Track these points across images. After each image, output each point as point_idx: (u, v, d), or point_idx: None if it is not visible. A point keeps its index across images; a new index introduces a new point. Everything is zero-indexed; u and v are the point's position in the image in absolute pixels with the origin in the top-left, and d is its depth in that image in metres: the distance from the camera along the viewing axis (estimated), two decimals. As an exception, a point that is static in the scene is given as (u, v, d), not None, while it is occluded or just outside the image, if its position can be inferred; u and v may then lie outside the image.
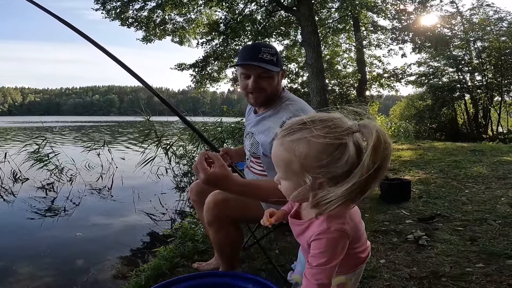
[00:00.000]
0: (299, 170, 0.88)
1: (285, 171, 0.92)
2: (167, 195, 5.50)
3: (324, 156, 0.84)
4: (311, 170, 0.86)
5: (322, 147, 0.84)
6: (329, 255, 0.92)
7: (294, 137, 0.88)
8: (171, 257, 2.47)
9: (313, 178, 0.87)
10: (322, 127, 0.86)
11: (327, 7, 13.61)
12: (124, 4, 11.87)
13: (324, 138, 0.84)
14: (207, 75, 14.31)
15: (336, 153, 0.84)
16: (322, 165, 0.85)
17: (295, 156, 0.87)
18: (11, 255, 3.16)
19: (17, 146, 7.81)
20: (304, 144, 0.86)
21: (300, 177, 0.89)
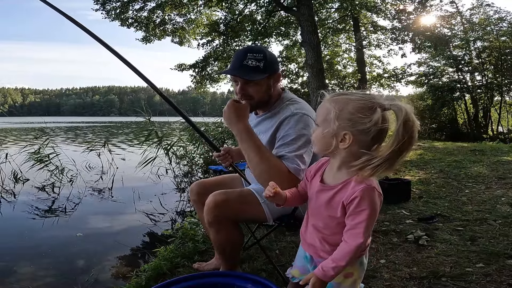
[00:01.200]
0: (333, 118, 1.07)
1: (323, 119, 1.12)
2: (168, 195, 5.50)
3: (356, 112, 1.04)
4: (341, 121, 1.06)
5: (357, 105, 1.05)
6: (372, 213, 1.05)
7: (339, 96, 1.11)
8: (171, 257, 2.48)
9: (339, 127, 1.06)
10: (361, 95, 1.09)
11: (327, 7, 13.61)
12: (124, 5, 11.87)
13: (360, 100, 1.06)
14: (207, 76, 14.31)
15: (364, 114, 1.03)
16: (351, 118, 1.05)
17: (335, 107, 1.08)
18: (12, 255, 3.16)
19: (17, 147, 7.80)
20: (344, 101, 1.08)
21: (331, 124, 1.08)
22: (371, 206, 1.04)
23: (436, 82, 16.32)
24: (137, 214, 4.46)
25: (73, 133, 22.95)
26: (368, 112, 1.03)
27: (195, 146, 7.11)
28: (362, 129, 1.04)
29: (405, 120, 1.00)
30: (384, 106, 1.04)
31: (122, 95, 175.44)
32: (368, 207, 1.04)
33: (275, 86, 1.81)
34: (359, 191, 1.05)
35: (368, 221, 1.04)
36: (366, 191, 1.05)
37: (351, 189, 1.08)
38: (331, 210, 1.13)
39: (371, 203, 1.05)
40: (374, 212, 1.05)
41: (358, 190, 1.05)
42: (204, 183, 2.19)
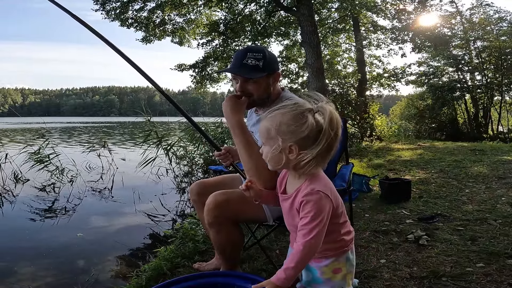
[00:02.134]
0: (274, 134, 1.16)
1: (265, 138, 1.20)
2: (168, 195, 5.50)
3: (292, 123, 1.14)
4: (283, 134, 1.15)
5: (291, 117, 1.14)
6: (316, 214, 1.12)
7: (273, 114, 1.19)
8: (171, 258, 2.48)
9: (283, 140, 1.15)
10: (292, 106, 1.17)
11: (327, 7, 13.59)
12: (123, 5, 11.83)
13: (291, 111, 1.16)
14: (207, 76, 14.29)
15: (300, 122, 1.13)
16: (291, 130, 1.14)
17: (272, 125, 1.17)
18: (13, 255, 3.17)
19: (17, 147, 7.81)
20: (279, 116, 1.17)
21: (275, 141, 1.16)
22: (315, 207, 1.13)
23: (436, 82, 16.31)
24: (137, 214, 4.46)
25: (72, 133, 22.95)
26: (301, 120, 1.13)
27: (195, 146, 7.11)
28: (303, 137, 1.13)
29: (329, 118, 1.13)
30: (313, 109, 1.16)
31: (122, 95, 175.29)
32: (312, 208, 1.13)
33: (274, 85, 1.84)
34: (303, 196, 1.15)
35: (314, 222, 1.12)
36: (309, 195, 1.14)
37: (299, 194, 1.18)
38: (293, 217, 1.23)
39: (314, 204, 1.13)
40: (319, 212, 1.12)
41: (303, 195, 1.15)
42: (204, 183, 2.20)
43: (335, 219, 1.21)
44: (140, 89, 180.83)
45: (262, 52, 1.77)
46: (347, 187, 2.20)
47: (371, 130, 11.70)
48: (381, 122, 12.89)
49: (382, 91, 16.38)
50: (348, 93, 11.83)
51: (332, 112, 1.15)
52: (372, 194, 4.33)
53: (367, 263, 2.30)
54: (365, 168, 6.15)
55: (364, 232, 2.92)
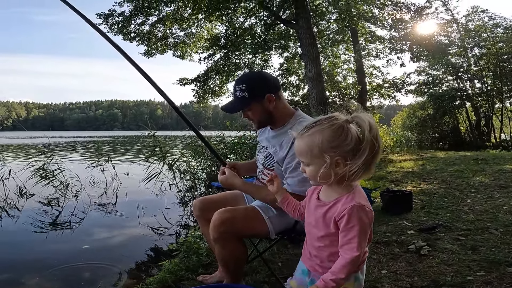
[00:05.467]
0: (319, 153, 1.15)
1: (308, 158, 1.18)
2: (171, 210, 5.54)
3: (335, 138, 1.13)
4: (327, 151, 1.14)
5: (331, 132, 1.14)
6: (362, 228, 1.11)
7: (310, 132, 1.18)
8: (176, 270, 2.51)
9: (330, 157, 1.14)
10: (327, 121, 1.16)
11: (326, 19, 13.75)
12: (126, 19, 12.05)
13: (330, 127, 1.14)
14: (209, 90, 14.41)
15: (343, 135, 1.13)
16: (334, 145, 1.13)
17: (314, 144, 1.15)
18: (18, 267, 3.21)
19: (22, 163, 7.88)
20: (318, 134, 1.15)
21: (321, 159, 1.15)
22: (360, 222, 1.12)
23: (436, 91, 16.37)
24: (141, 228, 4.49)
25: (76, 148, 23.05)
26: (343, 132, 1.13)
27: (198, 161, 7.17)
28: (348, 149, 1.13)
29: (369, 126, 1.12)
30: (348, 120, 1.16)
31: (125, 109, 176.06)
32: (357, 223, 1.11)
33: (272, 106, 1.96)
34: (348, 209, 1.13)
35: (359, 236, 1.11)
36: (354, 208, 1.12)
37: (341, 206, 1.16)
38: (325, 225, 1.21)
39: (359, 219, 1.12)
40: (363, 227, 1.12)
41: (347, 208, 1.13)
42: (207, 199, 2.27)
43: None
44: (143, 103, 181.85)
45: (245, 82, 1.94)
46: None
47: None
48: (382, 133, 12.91)
49: (383, 101, 16.45)
50: (348, 105, 11.90)
51: (370, 120, 1.15)
52: (373, 206, 4.34)
53: (369, 274, 2.33)
54: (367, 180, 6.16)
55: (365, 243, 2.94)
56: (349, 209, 1.13)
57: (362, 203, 1.14)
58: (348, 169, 1.13)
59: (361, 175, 1.16)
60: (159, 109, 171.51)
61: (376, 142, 1.13)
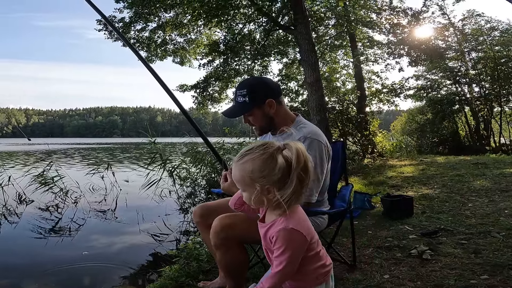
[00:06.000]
0: (250, 182, 1.21)
1: (242, 185, 1.26)
2: (171, 216, 5.52)
3: (264, 168, 1.18)
4: (258, 180, 1.19)
5: (261, 162, 1.19)
6: (287, 249, 1.20)
7: (243, 160, 1.23)
8: (176, 277, 2.49)
9: (261, 185, 1.19)
10: (259, 150, 1.21)
11: (324, 24, 13.79)
12: (126, 25, 12.08)
13: (260, 156, 1.19)
14: (209, 96, 14.40)
15: (271, 165, 1.18)
16: (264, 175, 1.18)
17: (246, 173, 1.21)
18: (17, 273, 3.21)
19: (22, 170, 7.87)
20: (249, 164, 1.21)
21: (252, 187, 1.21)
22: (286, 244, 1.20)
23: (435, 96, 16.38)
24: (141, 234, 4.47)
25: (76, 155, 23.03)
26: (272, 163, 1.18)
27: (198, 168, 7.16)
28: (277, 178, 1.18)
29: (296, 155, 1.17)
30: (280, 147, 1.21)
31: (125, 116, 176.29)
32: (284, 244, 1.20)
33: (272, 111, 1.97)
34: (276, 232, 1.22)
35: (284, 255, 1.20)
36: (282, 232, 1.21)
37: (272, 229, 1.25)
38: (267, 243, 1.31)
39: (285, 241, 1.20)
40: (289, 247, 1.20)
41: (276, 231, 1.22)
42: (207, 206, 2.27)
43: (307, 253, 1.27)
44: (143, 109, 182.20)
45: (246, 87, 1.95)
46: (347, 207, 2.28)
47: (372, 147, 11.71)
48: (382, 139, 12.91)
49: (382, 106, 16.45)
50: (348, 110, 11.90)
51: (299, 148, 1.20)
52: (374, 211, 4.33)
53: (371, 279, 2.31)
54: (367, 186, 6.16)
55: (367, 249, 2.92)
56: (277, 232, 1.21)
57: (290, 227, 1.20)
58: (281, 197, 1.18)
59: (293, 203, 1.21)
60: (159, 116, 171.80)
61: (303, 171, 1.18)
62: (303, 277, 1.29)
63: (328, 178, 2.06)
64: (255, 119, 1.99)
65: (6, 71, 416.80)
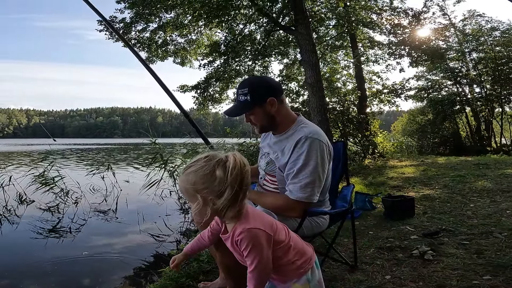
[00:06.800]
0: (193, 193, 1.27)
1: (187, 196, 1.31)
2: (172, 216, 5.51)
3: (204, 180, 1.25)
4: (200, 191, 1.25)
5: (202, 174, 1.25)
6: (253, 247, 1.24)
7: (187, 171, 1.29)
8: (176, 277, 2.48)
9: (203, 197, 1.25)
10: (202, 162, 1.28)
11: (325, 25, 13.78)
12: (127, 26, 12.09)
13: (202, 169, 1.26)
14: (209, 97, 14.40)
15: (211, 178, 1.24)
16: (205, 187, 1.25)
17: (189, 184, 1.27)
18: (17, 273, 3.19)
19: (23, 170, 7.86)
20: (192, 175, 1.27)
21: (195, 198, 1.27)
22: (250, 243, 1.26)
23: (436, 96, 16.38)
24: (142, 235, 4.46)
25: (76, 155, 23.05)
26: (211, 174, 1.24)
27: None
28: (218, 189, 1.24)
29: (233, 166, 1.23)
30: (222, 159, 1.27)
31: (125, 117, 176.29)
32: (248, 244, 1.26)
33: (274, 110, 1.97)
34: (237, 236, 1.29)
35: (253, 254, 1.25)
36: (242, 233, 1.27)
37: (236, 234, 1.31)
38: (237, 252, 1.35)
39: (248, 241, 1.26)
40: (255, 245, 1.26)
41: (237, 235, 1.29)
42: None
43: (277, 245, 1.32)
44: (143, 110, 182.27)
45: (248, 86, 1.94)
46: (348, 207, 2.27)
47: (373, 148, 11.70)
48: (383, 139, 12.89)
49: (383, 107, 16.42)
50: (348, 111, 11.88)
51: (238, 161, 1.25)
52: (375, 212, 4.32)
53: (372, 280, 2.30)
54: (368, 186, 6.14)
55: (368, 249, 2.91)
56: (238, 235, 1.28)
57: (247, 227, 1.27)
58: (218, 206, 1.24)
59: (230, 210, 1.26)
60: (159, 117, 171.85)
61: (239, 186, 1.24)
62: (282, 270, 1.32)
63: (329, 178, 2.05)
64: (256, 118, 1.98)
65: (6, 72, 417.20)
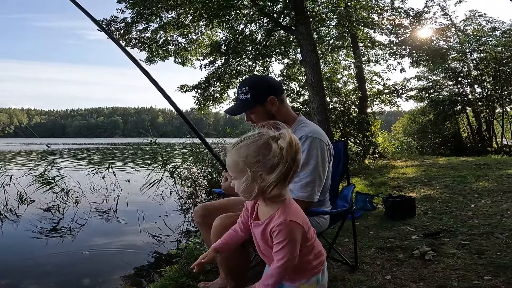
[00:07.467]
0: (243, 167, 1.21)
1: (235, 172, 1.24)
2: (172, 216, 5.51)
3: (258, 153, 1.19)
4: (251, 165, 1.19)
5: (255, 147, 1.20)
6: (288, 242, 1.19)
7: (237, 146, 1.24)
8: (177, 277, 2.47)
9: (253, 171, 1.19)
10: (254, 136, 1.23)
11: (325, 25, 13.76)
12: (127, 26, 12.08)
13: (255, 143, 1.21)
14: (210, 96, 14.40)
15: (265, 151, 1.19)
16: (258, 160, 1.19)
17: (239, 158, 1.21)
18: (17, 273, 3.19)
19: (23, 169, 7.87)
20: (244, 148, 1.22)
21: (244, 173, 1.21)
22: (288, 237, 1.20)
23: (437, 96, 16.35)
24: (142, 235, 4.46)
25: (77, 155, 23.07)
26: (267, 148, 1.19)
27: (199, 168, 7.15)
28: (271, 164, 1.18)
29: (289, 143, 1.19)
30: (275, 136, 1.22)
31: (126, 116, 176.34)
32: (286, 238, 1.20)
33: (274, 109, 1.97)
34: (277, 226, 1.21)
35: (286, 249, 1.20)
36: (282, 225, 1.21)
37: (273, 222, 1.24)
38: (265, 241, 1.30)
39: (287, 234, 1.20)
40: (290, 240, 1.20)
41: (276, 225, 1.22)
42: (208, 206, 2.25)
43: (305, 243, 1.28)
44: (144, 110, 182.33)
45: (248, 85, 1.95)
46: (349, 207, 2.26)
47: (374, 148, 11.70)
48: (383, 139, 12.87)
49: (383, 107, 16.41)
50: (349, 111, 11.87)
51: (292, 137, 1.21)
52: (376, 212, 4.31)
53: (372, 280, 2.29)
54: (369, 186, 6.14)
55: (368, 249, 2.90)
56: (277, 225, 1.21)
57: (289, 219, 1.21)
58: (267, 181, 1.19)
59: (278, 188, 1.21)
60: (160, 116, 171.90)
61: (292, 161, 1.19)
62: (298, 269, 1.29)
63: (329, 177, 2.05)
64: (257, 117, 1.98)
65: (6, 72, 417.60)
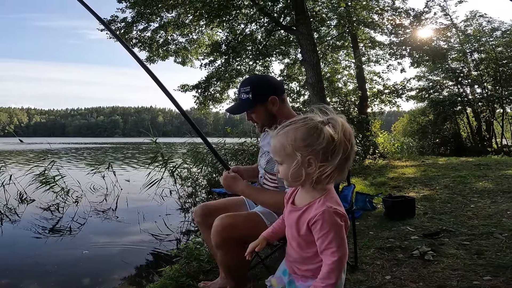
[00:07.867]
0: (291, 151, 1.13)
1: (281, 156, 1.17)
2: (172, 216, 5.51)
3: (307, 137, 1.12)
4: (300, 149, 1.12)
5: (305, 131, 1.13)
6: (336, 233, 1.11)
7: (284, 130, 1.17)
8: (177, 277, 2.48)
9: (302, 156, 1.12)
10: (303, 120, 1.16)
11: (326, 25, 13.76)
12: (128, 25, 12.08)
13: (305, 125, 1.14)
14: (210, 96, 14.39)
15: (315, 135, 1.11)
16: (307, 144, 1.12)
17: (287, 141, 1.14)
18: (17, 272, 3.20)
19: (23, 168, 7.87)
20: (292, 132, 1.14)
21: (293, 157, 1.13)
22: (334, 226, 1.12)
23: (437, 97, 16.35)
24: (142, 234, 4.47)
25: (77, 154, 23.07)
26: (316, 132, 1.12)
27: (199, 168, 7.15)
28: (321, 148, 1.11)
29: (343, 129, 1.12)
30: (323, 121, 1.14)
31: (126, 116, 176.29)
32: (331, 228, 1.11)
33: (275, 108, 1.95)
34: (320, 215, 1.13)
35: (336, 240, 1.11)
36: (326, 213, 1.12)
37: (314, 210, 1.16)
38: (298, 229, 1.21)
39: (332, 224, 1.12)
40: (337, 231, 1.12)
41: (319, 213, 1.13)
42: (208, 205, 2.25)
43: None
44: (144, 109, 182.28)
45: (250, 85, 1.95)
46: (349, 207, 2.26)
47: (374, 148, 11.70)
48: (383, 139, 12.87)
49: (384, 107, 16.40)
50: (349, 111, 11.87)
51: (344, 122, 1.15)
52: (376, 212, 4.31)
53: (372, 280, 2.29)
54: (369, 187, 6.14)
55: (368, 249, 2.91)
56: (321, 214, 1.13)
57: (334, 207, 1.13)
58: (322, 170, 1.12)
59: (335, 178, 1.15)
60: (160, 116, 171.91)
61: (349, 143, 1.13)
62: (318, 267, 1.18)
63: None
64: (257, 116, 1.98)
65: (6, 71, 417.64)
